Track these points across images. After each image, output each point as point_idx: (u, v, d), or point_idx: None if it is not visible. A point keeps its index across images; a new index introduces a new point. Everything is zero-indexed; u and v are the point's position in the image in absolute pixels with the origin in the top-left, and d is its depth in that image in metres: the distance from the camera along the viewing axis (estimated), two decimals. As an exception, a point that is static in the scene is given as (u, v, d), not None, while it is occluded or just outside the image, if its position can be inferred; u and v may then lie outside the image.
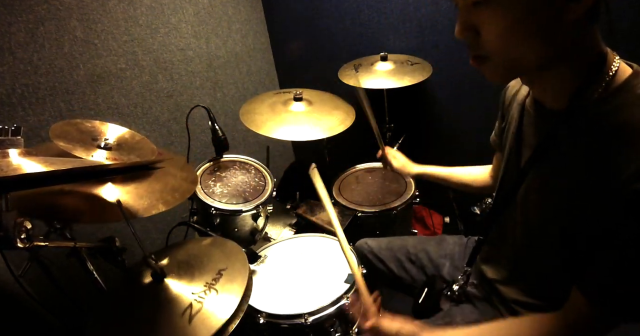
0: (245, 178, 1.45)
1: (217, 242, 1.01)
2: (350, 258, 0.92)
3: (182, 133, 1.73)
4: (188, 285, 0.86)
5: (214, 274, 0.88)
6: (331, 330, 1.08)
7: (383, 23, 1.79)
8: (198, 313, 0.79)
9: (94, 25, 1.35)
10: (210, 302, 0.82)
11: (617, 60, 0.62)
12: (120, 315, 0.86)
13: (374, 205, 1.54)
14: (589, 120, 0.63)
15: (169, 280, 0.86)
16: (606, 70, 0.61)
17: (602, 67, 0.61)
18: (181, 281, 0.86)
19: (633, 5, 1.33)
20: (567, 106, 0.64)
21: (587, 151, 0.63)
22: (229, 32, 1.90)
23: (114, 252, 0.92)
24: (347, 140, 1.66)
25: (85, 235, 1.39)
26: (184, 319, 0.78)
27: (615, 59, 0.62)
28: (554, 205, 0.71)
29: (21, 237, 0.66)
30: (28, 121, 1.22)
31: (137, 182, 0.92)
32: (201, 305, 0.81)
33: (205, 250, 0.98)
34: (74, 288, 0.96)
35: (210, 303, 0.82)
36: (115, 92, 1.46)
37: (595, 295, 0.65)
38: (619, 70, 0.61)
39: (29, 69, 1.20)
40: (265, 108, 1.48)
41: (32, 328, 1.16)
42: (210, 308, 0.80)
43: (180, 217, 1.62)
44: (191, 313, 0.79)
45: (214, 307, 0.81)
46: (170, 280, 0.86)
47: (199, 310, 0.80)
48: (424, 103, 1.91)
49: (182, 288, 0.85)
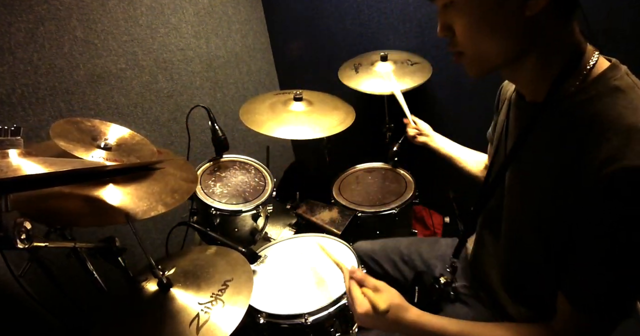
0: (245, 178, 1.45)
1: (222, 252, 1.01)
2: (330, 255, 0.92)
3: (182, 133, 1.73)
4: (195, 295, 0.85)
5: (220, 285, 0.88)
6: (331, 330, 1.08)
7: (383, 23, 1.79)
8: (206, 324, 0.79)
9: (94, 25, 1.35)
10: (217, 313, 0.81)
11: (595, 55, 0.64)
12: (126, 324, 0.85)
13: (374, 205, 1.54)
14: (564, 110, 0.64)
15: (175, 290, 0.86)
16: (584, 64, 0.63)
17: (579, 61, 0.63)
18: (188, 292, 0.86)
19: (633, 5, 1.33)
20: (545, 98, 0.66)
21: (562, 141, 0.65)
22: (229, 32, 1.90)
23: (114, 252, 0.92)
24: (347, 140, 1.66)
25: (85, 235, 1.39)
26: (192, 330, 0.78)
27: (595, 54, 0.64)
28: (534, 196, 0.71)
29: (21, 237, 0.66)
30: (28, 121, 1.22)
31: (136, 184, 0.92)
32: (208, 316, 0.80)
33: (211, 259, 0.98)
34: (74, 288, 0.96)
35: (217, 314, 0.81)
36: (115, 92, 1.46)
37: (579, 298, 0.65)
38: (597, 63, 0.63)
39: (29, 69, 1.20)
40: (265, 109, 1.49)
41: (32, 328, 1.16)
42: (217, 319, 0.80)
43: (180, 217, 1.62)
44: (198, 324, 0.79)
45: (221, 319, 0.80)
46: (177, 289, 0.86)
47: (207, 321, 0.80)
48: (424, 103, 1.91)
49: (189, 298, 0.85)
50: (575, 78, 0.63)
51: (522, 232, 0.76)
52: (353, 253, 1.23)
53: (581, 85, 0.63)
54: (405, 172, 1.71)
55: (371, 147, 1.86)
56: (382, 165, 1.77)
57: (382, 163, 1.77)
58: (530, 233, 0.73)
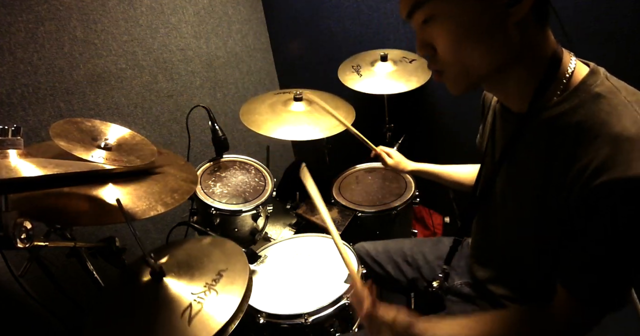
0: (245, 178, 1.45)
1: (217, 242, 1.00)
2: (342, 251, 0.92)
3: (182, 133, 1.73)
4: (188, 284, 0.85)
5: (214, 275, 0.87)
6: (331, 330, 1.08)
7: (383, 23, 1.79)
8: (198, 314, 0.79)
9: (94, 25, 1.36)
10: (210, 303, 0.81)
11: (572, 60, 0.64)
12: (118, 314, 0.85)
13: (374, 205, 1.54)
14: (549, 121, 0.64)
15: (168, 280, 0.85)
16: (562, 71, 0.63)
17: (558, 68, 0.63)
18: (180, 281, 0.86)
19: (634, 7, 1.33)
20: (528, 108, 0.66)
21: (548, 151, 0.65)
22: (229, 32, 1.90)
23: (114, 252, 0.92)
24: (347, 140, 1.66)
25: (85, 235, 1.39)
26: (184, 320, 0.77)
27: (571, 59, 0.64)
28: (525, 204, 0.73)
29: (21, 236, 0.66)
30: (28, 121, 1.22)
31: (136, 183, 0.92)
32: (201, 306, 0.80)
33: (205, 250, 0.97)
34: (74, 288, 0.96)
35: (210, 304, 0.81)
36: (115, 92, 1.46)
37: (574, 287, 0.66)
38: (576, 70, 0.63)
39: (29, 69, 1.20)
40: (265, 109, 1.48)
41: (32, 328, 1.16)
42: (210, 309, 0.79)
43: (180, 217, 1.63)
44: (190, 314, 0.78)
45: (214, 309, 0.80)
46: (170, 279, 0.85)
47: (199, 311, 0.79)
48: (424, 103, 1.91)
49: (182, 288, 0.84)
50: (556, 86, 0.63)
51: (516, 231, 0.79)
52: (353, 254, 1.23)
53: (563, 94, 0.63)
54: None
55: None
56: (382, 165, 1.77)
57: (382, 163, 1.77)
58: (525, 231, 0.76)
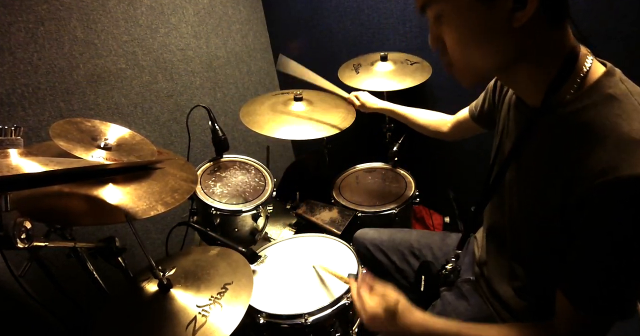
0: (245, 178, 1.45)
1: (224, 253, 1.01)
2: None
3: (182, 133, 1.73)
4: (194, 296, 0.85)
5: (219, 288, 0.87)
6: (331, 330, 1.08)
7: (383, 23, 1.79)
8: (202, 327, 0.79)
9: (94, 25, 1.35)
10: (214, 317, 0.81)
11: (589, 58, 0.64)
12: (124, 324, 0.85)
13: (374, 205, 1.54)
14: (559, 118, 0.65)
15: (175, 291, 0.86)
16: (578, 69, 0.63)
17: (574, 66, 0.63)
18: (187, 293, 0.86)
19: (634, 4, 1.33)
20: (542, 103, 0.67)
21: (558, 147, 0.65)
22: (229, 32, 1.90)
23: (114, 252, 0.92)
24: (347, 140, 1.66)
25: (85, 235, 1.39)
26: (188, 333, 0.77)
27: (588, 58, 0.64)
28: (531, 200, 0.72)
29: (21, 236, 0.66)
30: (28, 121, 1.22)
31: (136, 183, 0.92)
32: (205, 319, 0.80)
33: (212, 261, 0.98)
34: (74, 288, 0.96)
35: (214, 317, 0.81)
36: (115, 92, 1.46)
37: (575, 295, 0.65)
38: (592, 69, 0.63)
39: (29, 69, 1.20)
40: (265, 109, 1.48)
41: (32, 328, 1.16)
42: (215, 323, 0.79)
43: (180, 217, 1.63)
44: (195, 327, 0.78)
45: (218, 322, 0.80)
46: (176, 290, 0.86)
47: (203, 324, 0.79)
48: (424, 103, 1.90)
49: (188, 299, 0.84)
50: (570, 84, 0.64)
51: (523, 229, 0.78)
52: (353, 254, 1.23)
53: (577, 92, 0.63)
54: (405, 172, 1.71)
55: (371, 147, 1.86)
56: (382, 165, 1.77)
57: (382, 163, 1.78)
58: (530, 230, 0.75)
